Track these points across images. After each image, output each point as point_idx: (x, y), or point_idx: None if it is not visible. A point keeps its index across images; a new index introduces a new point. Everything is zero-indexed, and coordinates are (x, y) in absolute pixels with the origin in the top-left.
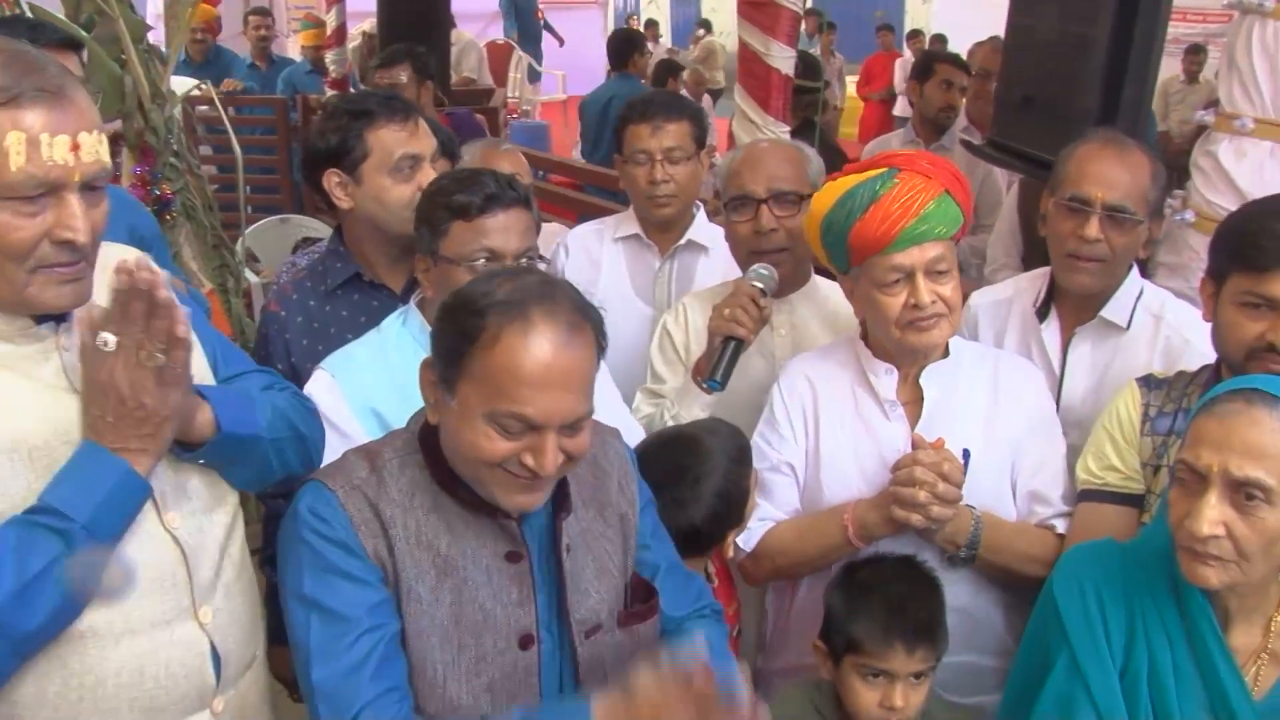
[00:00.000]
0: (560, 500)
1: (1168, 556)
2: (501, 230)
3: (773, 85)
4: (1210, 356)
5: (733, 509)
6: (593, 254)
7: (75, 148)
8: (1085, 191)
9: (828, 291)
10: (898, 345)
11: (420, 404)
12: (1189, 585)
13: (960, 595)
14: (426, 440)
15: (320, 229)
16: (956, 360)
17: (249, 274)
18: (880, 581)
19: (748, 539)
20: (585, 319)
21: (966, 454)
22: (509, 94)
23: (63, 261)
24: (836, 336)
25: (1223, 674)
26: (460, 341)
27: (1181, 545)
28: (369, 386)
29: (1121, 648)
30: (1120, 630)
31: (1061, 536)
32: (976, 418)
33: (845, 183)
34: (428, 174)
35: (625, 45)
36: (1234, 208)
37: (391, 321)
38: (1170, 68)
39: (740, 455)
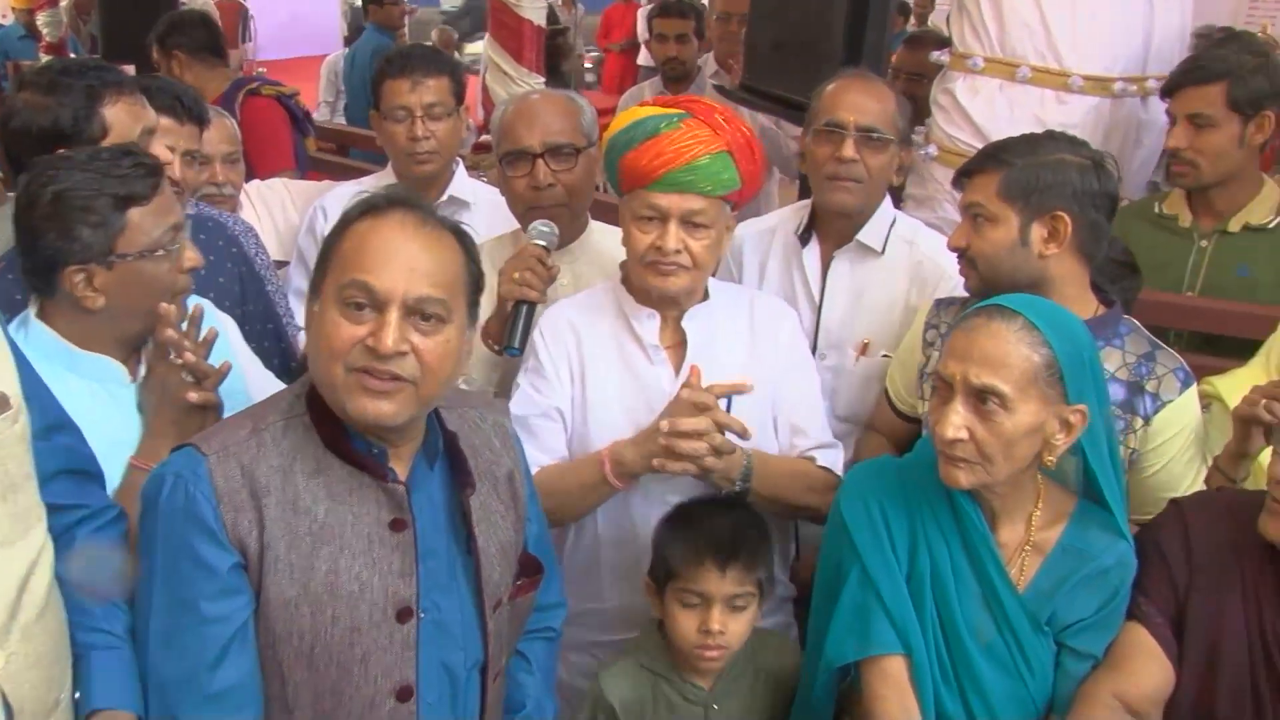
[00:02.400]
0: (462, 476)
1: (937, 464)
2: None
3: (525, 36)
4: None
5: None
6: None
7: None
8: (839, 117)
9: (606, 239)
10: (639, 282)
11: None
12: (960, 491)
13: None
14: (314, 399)
15: None
16: (716, 303)
17: None
18: (702, 513)
19: None
20: (447, 226)
21: (729, 399)
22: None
23: None
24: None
25: (991, 570)
26: (326, 247)
27: (937, 450)
28: None
29: (906, 554)
30: (904, 538)
31: (823, 468)
32: (737, 359)
33: (640, 112)
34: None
35: None
36: (972, 141)
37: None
38: None
39: None
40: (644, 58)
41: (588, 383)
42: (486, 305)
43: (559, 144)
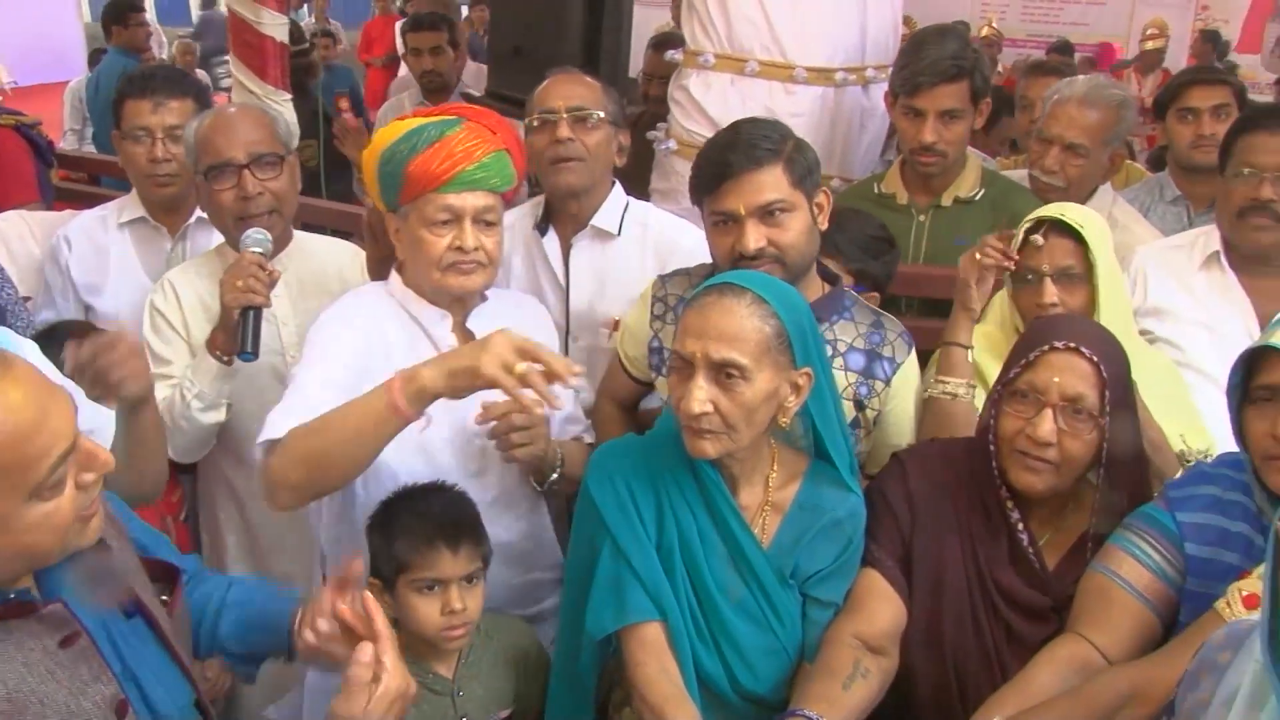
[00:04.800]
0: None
1: (679, 438)
2: None
3: (268, 53)
4: (695, 251)
5: None
6: (98, 243)
7: None
8: (550, 104)
9: (314, 246)
10: (436, 287)
11: None
12: (700, 459)
13: (522, 524)
14: None
15: None
16: (493, 303)
17: None
18: (413, 503)
19: (275, 427)
20: None
21: None
22: None
23: None
24: (331, 291)
25: (736, 531)
26: None
27: (682, 425)
28: None
29: (654, 525)
30: (650, 510)
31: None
32: None
33: (412, 121)
34: None
35: (115, 15)
36: (709, 134)
37: None
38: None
39: None
40: (405, 71)
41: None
42: (192, 320)
43: (262, 153)
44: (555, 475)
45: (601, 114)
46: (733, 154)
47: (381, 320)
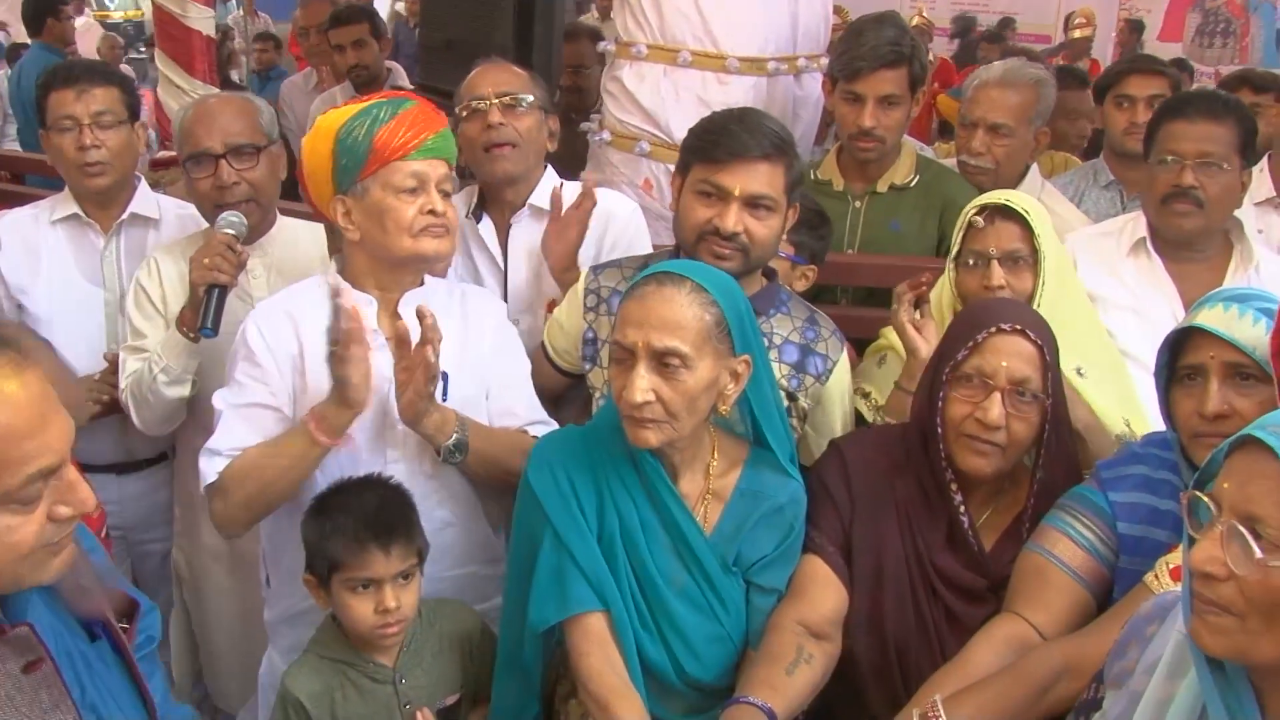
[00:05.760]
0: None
1: (620, 429)
2: None
3: (194, 48)
4: (631, 219)
5: None
6: (30, 241)
7: None
8: (479, 92)
9: (296, 233)
10: (408, 253)
11: None
12: (641, 449)
13: (451, 512)
14: None
15: None
16: (429, 290)
17: None
18: (346, 500)
19: (211, 467)
20: None
21: (445, 377)
22: None
23: None
24: (312, 275)
25: (678, 519)
26: None
27: (623, 414)
28: None
29: (595, 515)
30: (591, 500)
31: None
32: (451, 345)
33: (359, 105)
34: None
35: (39, 9)
36: (643, 124)
37: None
38: None
39: None
40: None
41: (307, 371)
42: (171, 297)
43: (240, 144)
44: (453, 447)
45: (531, 98)
46: (749, 137)
47: (309, 310)
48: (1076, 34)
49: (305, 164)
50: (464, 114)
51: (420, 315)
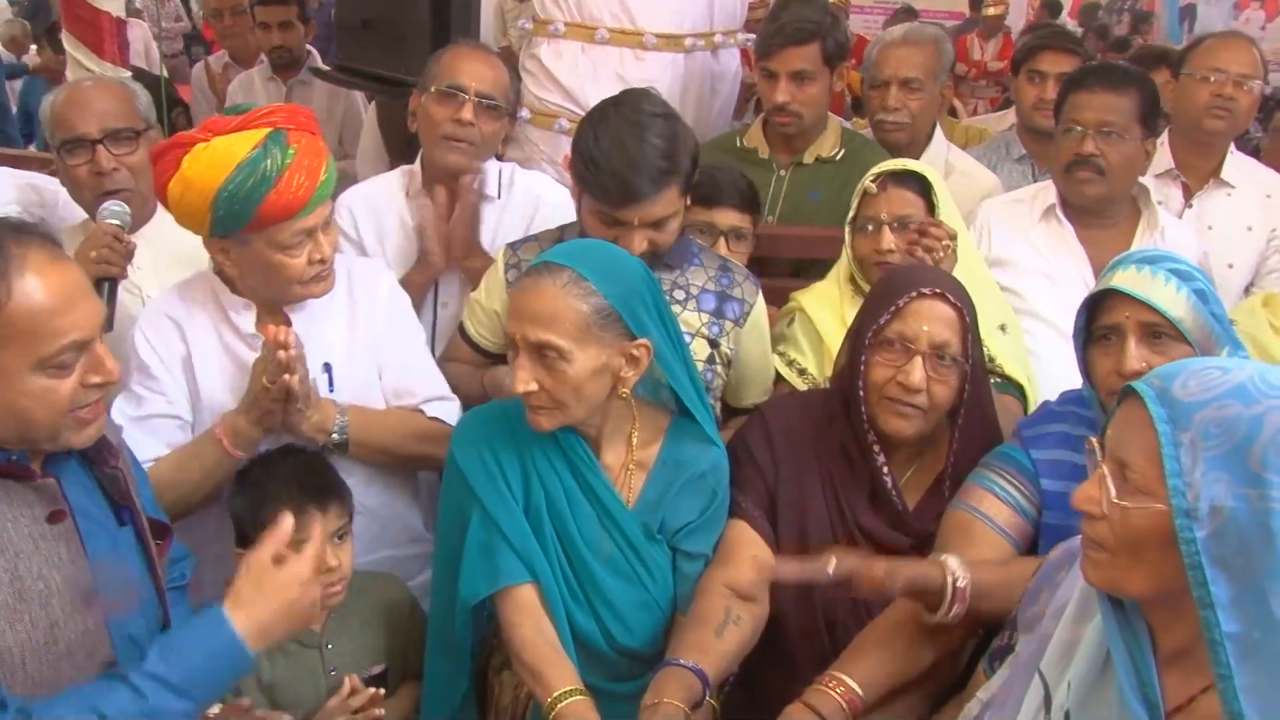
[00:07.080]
0: (105, 450)
1: None
2: None
3: (103, 29)
4: (561, 204)
5: None
6: None
7: None
8: (461, 81)
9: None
10: (297, 297)
11: None
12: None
13: (364, 499)
14: None
15: None
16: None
17: None
18: (272, 469)
19: None
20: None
21: (328, 367)
22: None
23: None
24: (196, 263)
25: (600, 491)
26: None
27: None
28: None
29: (521, 489)
30: (517, 475)
31: (433, 418)
32: (340, 329)
33: (233, 152)
34: None
35: None
36: (562, 102)
37: None
38: None
39: None
40: None
41: (197, 374)
42: None
43: (118, 128)
44: (333, 446)
45: (504, 105)
46: (637, 177)
47: (192, 310)
48: (991, 11)
49: (172, 206)
50: (434, 91)
51: (278, 342)
